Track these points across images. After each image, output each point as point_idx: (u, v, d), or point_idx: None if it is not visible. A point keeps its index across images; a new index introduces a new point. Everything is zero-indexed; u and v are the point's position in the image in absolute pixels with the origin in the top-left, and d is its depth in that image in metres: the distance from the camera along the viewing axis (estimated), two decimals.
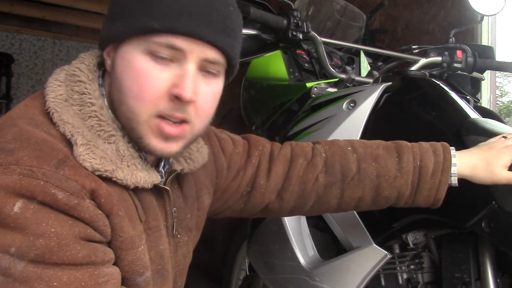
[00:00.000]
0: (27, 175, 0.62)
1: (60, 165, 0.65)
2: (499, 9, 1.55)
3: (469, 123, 1.01)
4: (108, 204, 0.69)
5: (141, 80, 0.70)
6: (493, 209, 0.89)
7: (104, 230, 0.68)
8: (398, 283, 1.10)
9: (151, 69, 0.70)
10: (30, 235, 0.61)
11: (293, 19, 1.23)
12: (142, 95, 0.70)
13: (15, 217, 0.60)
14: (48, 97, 0.71)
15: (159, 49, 0.69)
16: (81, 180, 0.65)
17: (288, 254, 1.16)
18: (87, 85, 0.73)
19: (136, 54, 0.70)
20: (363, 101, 1.10)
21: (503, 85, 7.46)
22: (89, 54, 0.79)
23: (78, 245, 0.63)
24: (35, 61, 6.40)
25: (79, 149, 0.67)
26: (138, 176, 0.72)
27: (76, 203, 0.64)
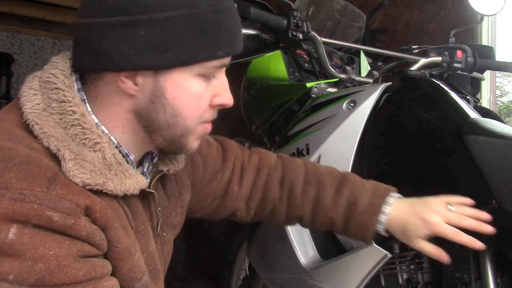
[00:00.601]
0: (18, 199, 0.60)
1: (51, 184, 0.63)
2: (499, 9, 1.55)
3: (469, 123, 1.01)
4: (103, 218, 0.68)
5: (198, 101, 0.74)
6: (493, 209, 0.89)
7: (101, 244, 0.68)
8: (398, 283, 1.10)
9: (204, 90, 0.74)
10: (28, 260, 0.59)
11: (293, 19, 1.23)
12: (197, 114, 0.75)
13: (10, 243, 0.59)
14: (25, 108, 0.69)
15: (213, 71, 0.74)
16: (74, 198, 0.64)
17: (288, 254, 1.16)
18: (65, 92, 0.71)
19: (190, 78, 0.73)
20: (363, 101, 1.10)
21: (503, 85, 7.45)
22: (61, 57, 0.76)
23: (78, 264, 0.63)
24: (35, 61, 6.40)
25: (67, 165, 0.66)
26: (127, 184, 0.72)
27: (72, 223, 0.63)
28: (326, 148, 1.11)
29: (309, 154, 1.14)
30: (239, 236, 1.86)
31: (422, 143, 1.05)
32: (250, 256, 1.38)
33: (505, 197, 0.89)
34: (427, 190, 1.01)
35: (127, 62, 0.69)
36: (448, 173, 0.99)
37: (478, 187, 0.92)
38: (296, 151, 1.19)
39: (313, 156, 1.13)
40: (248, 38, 1.23)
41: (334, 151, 1.10)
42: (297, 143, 1.19)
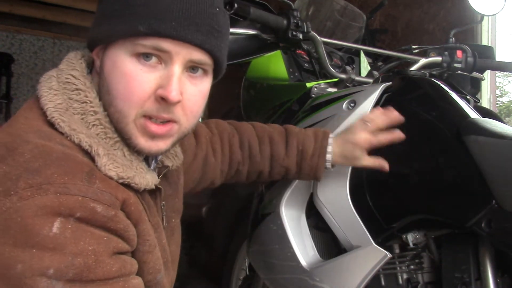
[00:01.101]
0: (63, 192, 0.61)
1: (90, 178, 0.65)
2: (499, 9, 1.55)
3: (469, 123, 1.01)
4: (137, 211, 0.71)
5: (128, 82, 0.70)
6: (493, 209, 0.89)
7: (133, 240, 0.70)
8: (398, 283, 1.10)
9: (137, 71, 0.70)
10: (68, 254, 0.60)
11: (293, 19, 1.23)
12: (129, 97, 0.71)
13: (54, 237, 0.60)
14: (48, 107, 0.70)
15: (145, 51, 0.70)
16: (113, 191, 0.66)
17: (288, 254, 1.16)
18: (87, 93, 0.73)
19: (123, 56, 0.71)
20: (363, 101, 1.10)
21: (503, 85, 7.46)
22: (76, 58, 0.78)
23: (111, 260, 0.64)
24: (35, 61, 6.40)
25: (102, 160, 0.68)
26: (146, 178, 0.74)
27: (113, 214, 0.65)
28: None
29: None
30: (239, 236, 1.86)
31: (422, 143, 1.05)
32: (250, 256, 1.38)
33: (505, 197, 0.89)
34: (427, 190, 1.01)
35: (89, 38, 0.75)
36: (448, 173, 0.99)
37: (478, 187, 0.92)
38: None
39: None
40: (248, 38, 1.23)
41: None
42: None
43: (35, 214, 0.59)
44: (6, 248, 0.59)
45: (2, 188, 0.61)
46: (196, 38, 0.70)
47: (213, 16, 0.73)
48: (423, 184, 1.02)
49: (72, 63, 0.76)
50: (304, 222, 1.19)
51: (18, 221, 0.59)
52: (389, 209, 1.05)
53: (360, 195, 1.07)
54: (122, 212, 0.68)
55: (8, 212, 0.59)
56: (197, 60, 0.72)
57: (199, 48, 0.71)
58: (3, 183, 0.61)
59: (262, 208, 1.26)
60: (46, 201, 0.60)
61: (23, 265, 0.58)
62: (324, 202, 1.10)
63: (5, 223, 0.59)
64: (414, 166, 1.05)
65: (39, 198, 0.60)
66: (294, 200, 1.18)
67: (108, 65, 0.72)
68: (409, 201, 1.04)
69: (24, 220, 0.59)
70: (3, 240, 0.59)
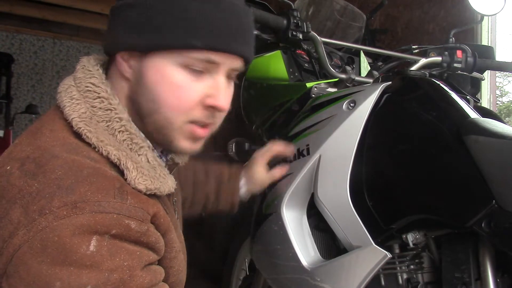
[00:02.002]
0: (98, 211, 0.62)
1: (122, 194, 0.66)
2: (499, 9, 1.54)
3: (469, 123, 1.01)
4: (166, 222, 0.73)
5: (178, 92, 0.73)
6: (493, 209, 0.89)
7: (162, 250, 0.72)
8: (398, 283, 1.10)
9: (187, 82, 0.73)
10: (105, 271, 0.61)
11: (293, 19, 1.23)
12: (178, 106, 0.74)
13: (91, 255, 0.61)
14: (73, 118, 0.71)
15: (196, 63, 0.72)
16: (145, 206, 0.68)
17: (289, 255, 1.16)
18: (110, 100, 0.74)
19: (171, 66, 0.72)
20: (363, 101, 1.10)
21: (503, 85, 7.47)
22: (91, 64, 0.78)
23: (143, 273, 0.66)
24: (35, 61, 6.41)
25: (132, 174, 0.70)
26: (169, 184, 0.77)
27: (146, 229, 0.67)
28: (326, 148, 1.11)
29: (309, 155, 1.14)
30: (239, 236, 1.86)
31: (422, 143, 1.05)
32: (253, 256, 1.38)
33: (505, 197, 0.89)
34: (427, 190, 1.01)
35: (119, 42, 0.74)
36: (448, 173, 0.99)
37: (478, 187, 0.92)
38: (297, 152, 1.19)
39: (313, 157, 1.13)
40: None
41: (334, 152, 1.10)
42: (298, 144, 1.19)
43: (72, 234, 0.60)
44: (43, 266, 0.59)
45: (36, 206, 0.62)
46: (242, 50, 0.75)
47: (250, 26, 0.78)
48: (423, 184, 1.02)
49: (89, 70, 0.77)
50: (305, 223, 1.19)
51: (56, 240, 0.60)
52: (389, 210, 1.05)
53: (360, 195, 1.07)
54: (152, 224, 0.70)
55: (45, 231, 0.60)
56: (238, 68, 0.77)
57: (241, 57, 0.77)
58: (37, 201, 0.62)
59: (264, 208, 1.26)
60: (83, 220, 0.61)
61: (61, 283, 0.59)
62: (325, 202, 1.10)
63: (42, 242, 0.60)
64: (414, 166, 1.05)
65: (75, 217, 0.61)
66: (295, 201, 1.18)
67: (154, 74, 0.73)
68: (409, 201, 1.04)
69: (61, 239, 0.60)
70: (41, 258, 0.60)
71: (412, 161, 1.05)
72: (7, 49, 6.07)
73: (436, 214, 0.99)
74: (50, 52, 6.51)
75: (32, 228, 0.60)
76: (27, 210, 0.62)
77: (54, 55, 6.54)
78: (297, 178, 1.16)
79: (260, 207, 1.29)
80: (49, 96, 6.49)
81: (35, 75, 6.40)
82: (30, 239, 0.60)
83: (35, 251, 0.60)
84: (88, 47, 6.70)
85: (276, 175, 1.20)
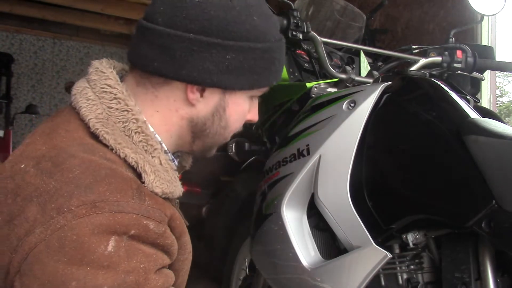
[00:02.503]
0: (118, 210, 0.62)
1: (140, 195, 0.66)
2: (499, 9, 1.54)
3: (469, 123, 1.01)
4: (181, 225, 0.74)
5: (243, 119, 0.87)
6: (493, 209, 0.89)
7: (174, 254, 0.72)
8: (398, 283, 1.10)
9: (248, 109, 0.86)
10: (121, 272, 0.61)
11: (293, 19, 1.23)
12: (238, 128, 0.87)
13: (109, 256, 0.60)
14: (90, 119, 0.71)
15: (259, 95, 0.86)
16: (162, 208, 0.69)
17: (289, 255, 1.16)
18: (126, 102, 0.74)
19: (246, 99, 0.83)
20: (363, 101, 1.10)
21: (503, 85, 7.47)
22: (105, 67, 0.78)
23: (157, 275, 0.66)
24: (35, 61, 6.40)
25: (149, 177, 0.70)
26: (180, 187, 0.78)
27: (163, 231, 0.67)
28: (326, 148, 1.11)
29: (310, 155, 1.14)
30: (239, 236, 1.86)
31: (422, 143, 1.05)
32: (253, 256, 1.38)
33: (505, 197, 0.89)
34: (427, 190, 1.01)
35: (207, 78, 0.75)
36: (448, 173, 0.99)
37: (478, 187, 0.92)
38: (297, 152, 1.19)
39: (314, 157, 1.13)
40: None
41: (334, 152, 1.10)
42: (298, 144, 1.19)
43: (91, 233, 0.60)
44: (60, 265, 0.59)
45: (54, 204, 0.61)
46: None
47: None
48: (423, 184, 1.02)
49: (103, 72, 0.77)
50: (305, 223, 1.19)
51: (74, 239, 0.60)
52: (389, 210, 1.05)
53: (360, 195, 1.07)
54: (168, 227, 0.70)
55: (63, 229, 0.60)
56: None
57: None
58: (55, 199, 0.62)
59: (265, 208, 1.26)
60: (102, 220, 0.61)
61: (77, 283, 0.59)
62: (325, 202, 1.10)
63: (59, 240, 0.60)
64: (414, 166, 1.05)
65: (94, 217, 0.61)
66: (295, 201, 1.18)
67: (233, 107, 0.82)
68: (409, 201, 1.04)
69: (80, 238, 0.60)
70: (57, 257, 0.59)
71: (412, 161, 1.05)
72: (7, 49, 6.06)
73: (436, 214, 0.99)
74: (50, 52, 6.51)
75: (49, 227, 0.60)
76: (45, 209, 0.61)
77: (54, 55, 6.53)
78: (297, 178, 1.16)
79: (260, 207, 1.29)
80: (49, 96, 6.48)
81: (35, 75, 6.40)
82: (47, 237, 0.60)
83: (52, 249, 0.59)
84: (88, 47, 6.70)
85: None
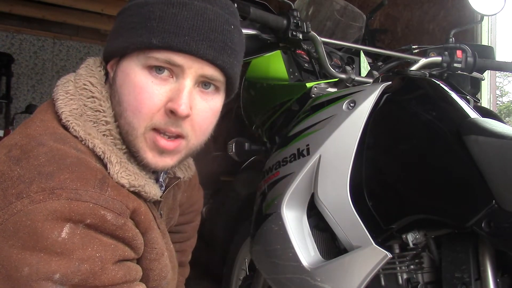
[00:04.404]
0: (75, 198, 0.61)
1: (102, 185, 0.65)
2: (499, 9, 1.54)
3: (469, 123, 1.01)
4: (147, 220, 0.71)
5: (139, 94, 0.71)
6: (493, 209, 0.89)
7: (139, 248, 0.70)
8: (398, 283, 1.10)
9: (148, 83, 0.71)
10: (75, 260, 0.60)
11: (293, 19, 1.23)
12: (139, 109, 0.71)
13: (62, 242, 0.60)
14: (63, 111, 0.71)
15: (157, 64, 0.70)
16: (124, 200, 0.67)
17: (289, 255, 1.16)
18: (101, 102, 0.73)
19: (135, 68, 0.71)
20: (363, 101, 1.10)
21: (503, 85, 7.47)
22: (95, 65, 0.78)
23: (116, 267, 0.65)
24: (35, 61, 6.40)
25: (115, 168, 0.69)
26: (155, 189, 0.75)
27: (122, 223, 0.65)
28: (326, 148, 1.11)
29: (310, 155, 1.14)
30: (239, 236, 1.86)
31: (422, 143, 1.05)
32: (253, 256, 1.38)
33: (505, 197, 0.89)
34: (427, 190, 1.01)
35: (105, 51, 0.77)
36: (448, 173, 0.99)
37: (478, 187, 0.92)
38: (297, 152, 1.19)
39: (313, 157, 1.13)
40: (248, 38, 1.22)
41: (334, 152, 1.10)
42: (298, 144, 1.19)
43: (45, 218, 0.60)
44: (14, 250, 0.59)
45: (15, 190, 0.61)
46: (208, 53, 0.71)
47: (227, 33, 0.73)
48: (423, 184, 1.02)
49: (91, 69, 0.77)
50: (305, 223, 1.19)
51: (28, 224, 0.59)
52: (389, 210, 1.05)
53: (360, 195, 1.07)
54: (131, 220, 0.68)
55: (19, 214, 0.60)
56: (209, 75, 0.73)
57: (211, 63, 0.72)
58: (17, 185, 0.62)
59: (264, 208, 1.26)
60: (57, 206, 0.60)
61: (30, 268, 0.59)
62: (325, 202, 1.10)
63: (14, 225, 0.59)
64: (413, 166, 1.05)
65: (50, 203, 0.60)
66: (295, 201, 1.18)
67: (120, 76, 0.73)
68: (409, 201, 1.04)
69: (34, 223, 0.59)
70: (12, 242, 0.59)
71: (412, 161, 1.05)
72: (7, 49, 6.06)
73: (436, 214, 0.99)
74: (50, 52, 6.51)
75: (7, 211, 0.60)
76: (6, 194, 0.61)
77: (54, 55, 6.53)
78: (297, 178, 1.16)
79: (260, 207, 1.29)
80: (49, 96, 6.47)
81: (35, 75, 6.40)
82: (4, 221, 0.60)
83: (7, 234, 0.59)
84: (88, 47, 6.70)
85: None
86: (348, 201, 1.06)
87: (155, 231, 0.74)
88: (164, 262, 0.77)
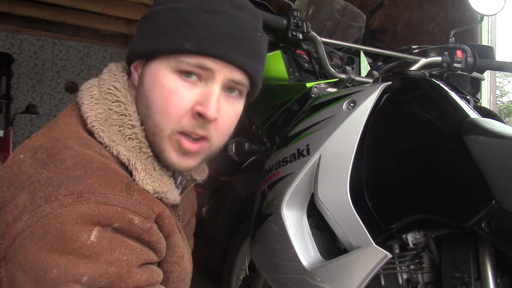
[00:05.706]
0: (103, 202, 0.62)
1: (129, 190, 0.66)
2: (499, 9, 1.54)
3: (469, 123, 1.01)
4: (170, 224, 0.73)
5: (168, 97, 0.72)
6: (493, 209, 0.89)
7: (162, 252, 0.72)
8: (398, 283, 1.10)
9: (178, 86, 0.72)
10: (103, 263, 0.61)
11: (293, 19, 1.23)
12: (168, 111, 0.72)
13: (91, 245, 0.61)
14: (89, 116, 0.72)
15: (188, 68, 0.72)
16: (150, 204, 0.68)
17: (289, 255, 1.16)
18: (127, 106, 0.74)
19: (164, 71, 0.73)
20: (363, 101, 1.10)
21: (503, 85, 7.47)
22: (118, 70, 0.79)
23: (141, 270, 0.66)
24: (35, 61, 6.41)
25: (140, 174, 0.70)
26: (175, 194, 0.77)
27: (149, 227, 0.67)
28: (326, 148, 1.11)
29: (310, 155, 1.14)
30: (239, 236, 1.86)
31: (422, 143, 1.05)
32: (253, 256, 1.38)
33: (505, 197, 0.89)
34: (427, 190, 1.01)
35: (130, 52, 0.77)
36: (448, 173, 0.99)
37: (478, 187, 0.92)
38: (297, 152, 1.19)
39: (314, 157, 1.13)
40: None
41: (334, 152, 1.10)
42: (298, 144, 1.19)
43: (75, 222, 0.60)
44: (42, 252, 0.60)
45: (43, 193, 0.62)
46: (239, 59, 0.73)
47: (256, 40, 0.76)
48: (423, 184, 1.02)
49: (114, 74, 0.78)
50: (305, 223, 1.19)
51: (57, 227, 0.60)
52: (389, 210, 1.05)
53: (360, 195, 1.07)
54: (156, 224, 0.70)
55: (48, 217, 0.60)
56: (237, 80, 0.75)
57: (240, 69, 0.74)
58: (45, 188, 0.62)
59: (264, 208, 1.26)
60: (87, 209, 0.61)
61: (58, 271, 0.59)
62: (325, 202, 1.10)
63: (43, 228, 0.60)
64: (413, 166, 1.05)
65: (79, 206, 0.61)
66: (295, 201, 1.18)
67: (149, 79, 0.74)
68: (409, 201, 1.04)
69: (63, 226, 0.60)
70: (40, 244, 0.60)
71: (412, 161, 1.05)
72: (7, 49, 6.07)
73: (436, 214, 0.99)
74: (50, 52, 6.51)
75: (36, 214, 0.61)
76: (34, 196, 0.62)
77: (54, 55, 6.53)
78: (297, 178, 1.16)
79: (260, 207, 1.29)
80: (49, 96, 6.49)
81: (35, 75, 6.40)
82: (32, 224, 0.60)
83: (36, 236, 0.60)
84: (88, 47, 6.70)
85: None
86: (348, 201, 1.06)
87: (177, 235, 0.76)
88: (183, 265, 0.79)
